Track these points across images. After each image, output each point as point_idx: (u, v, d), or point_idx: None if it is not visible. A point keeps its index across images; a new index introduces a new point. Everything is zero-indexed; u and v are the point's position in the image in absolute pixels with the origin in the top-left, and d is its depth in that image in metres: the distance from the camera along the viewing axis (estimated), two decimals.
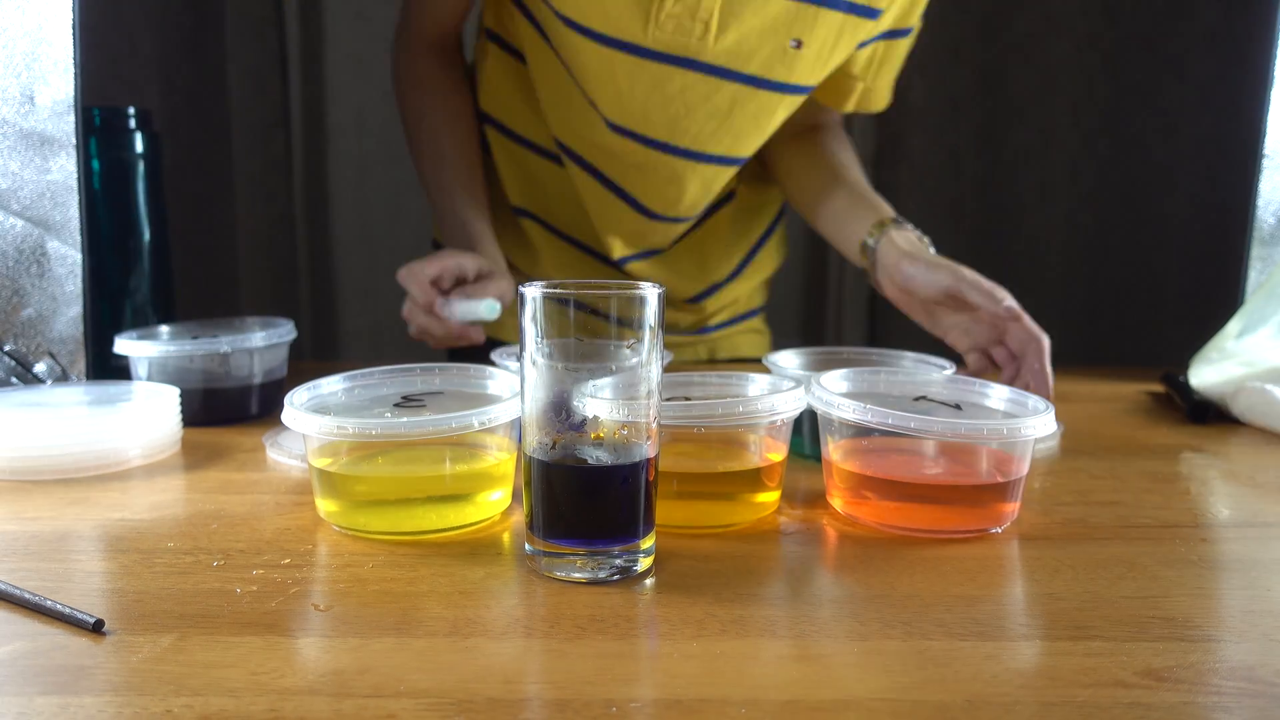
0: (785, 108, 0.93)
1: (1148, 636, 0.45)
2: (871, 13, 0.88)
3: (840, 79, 0.97)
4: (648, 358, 0.49)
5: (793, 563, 0.55)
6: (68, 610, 0.45)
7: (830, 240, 1.03)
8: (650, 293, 0.49)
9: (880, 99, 1.02)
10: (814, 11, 0.86)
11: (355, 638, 0.44)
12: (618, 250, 1.04)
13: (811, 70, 0.91)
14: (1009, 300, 0.83)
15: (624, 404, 0.50)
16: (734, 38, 0.86)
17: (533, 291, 0.49)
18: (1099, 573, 0.53)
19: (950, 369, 0.74)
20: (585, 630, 0.45)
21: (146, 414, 0.72)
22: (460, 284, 0.89)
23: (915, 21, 0.95)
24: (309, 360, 1.57)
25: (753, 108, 0.91)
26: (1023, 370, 0.84)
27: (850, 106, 1.01)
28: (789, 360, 0.79)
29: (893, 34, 0.94)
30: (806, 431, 0.73)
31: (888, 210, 0.97)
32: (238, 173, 1.51)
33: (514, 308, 0.70)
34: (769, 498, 0.61)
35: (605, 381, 0.50)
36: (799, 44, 0.88)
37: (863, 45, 0.92)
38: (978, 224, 1.57)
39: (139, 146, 0.95)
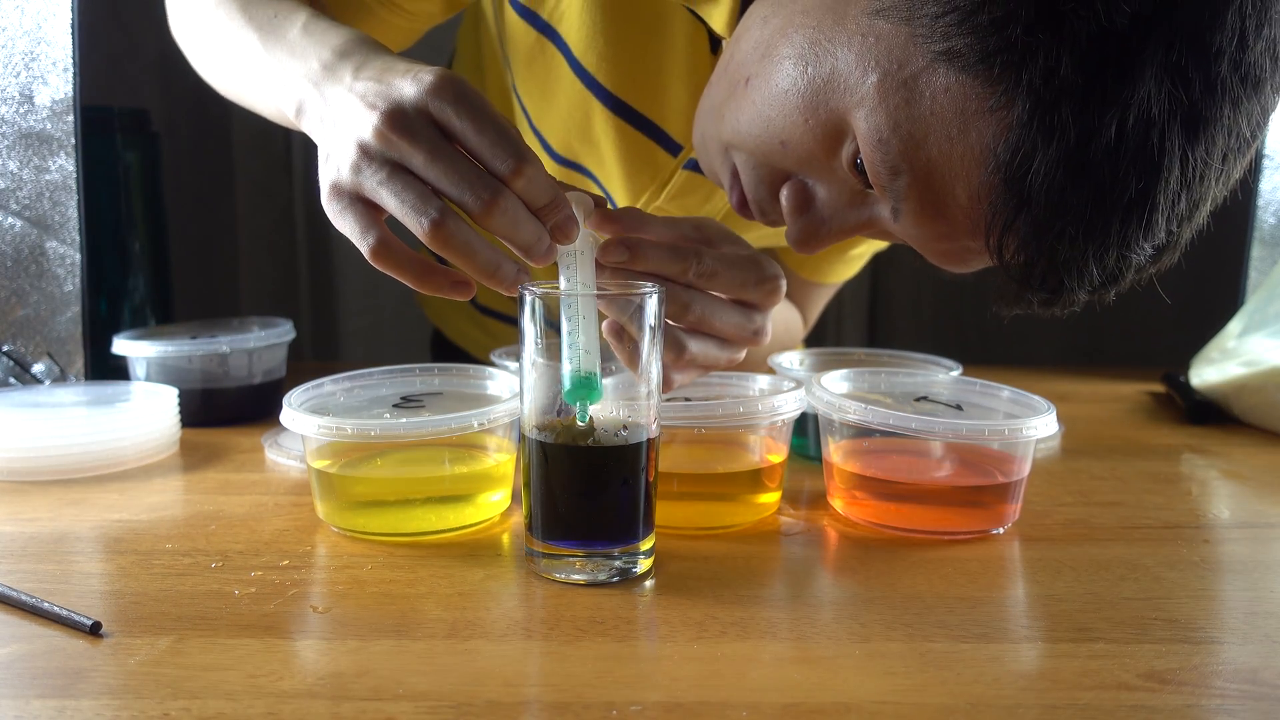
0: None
1: (1150, 638, 0.45)
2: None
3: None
4: (648, 358, 0.49)
5: (793, 564, 0.54)
6: (65, 612, 0.45)
7: None
8: (650, 293, 0.49)
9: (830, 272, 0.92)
10: None
11: (354, 640, 0.44)
12: None
13: (801, 259, 0.87)
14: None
15: (624, 404, 0.50)
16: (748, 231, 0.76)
17: (532, 291, 0.48)
18: (1101, 574, 0.53)
19: (958, 370, 0.74)
20: (585, 632, 0.45)
21: (145, 414, 0.72)
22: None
23: None
24: (308, 360, 1.56)
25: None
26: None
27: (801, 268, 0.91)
28: (795, 361, 0.78)
29: None
30: (811, 433, 0.73)
31: None
32: (238, 173, 1.51)
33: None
34: (769, 498, 0.61)
35: (605, 382, 0.50)
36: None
37: None
38: None
39: (138, 146, 0.95)
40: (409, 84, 0.48)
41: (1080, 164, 0.45)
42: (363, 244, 0.49)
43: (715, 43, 0.67)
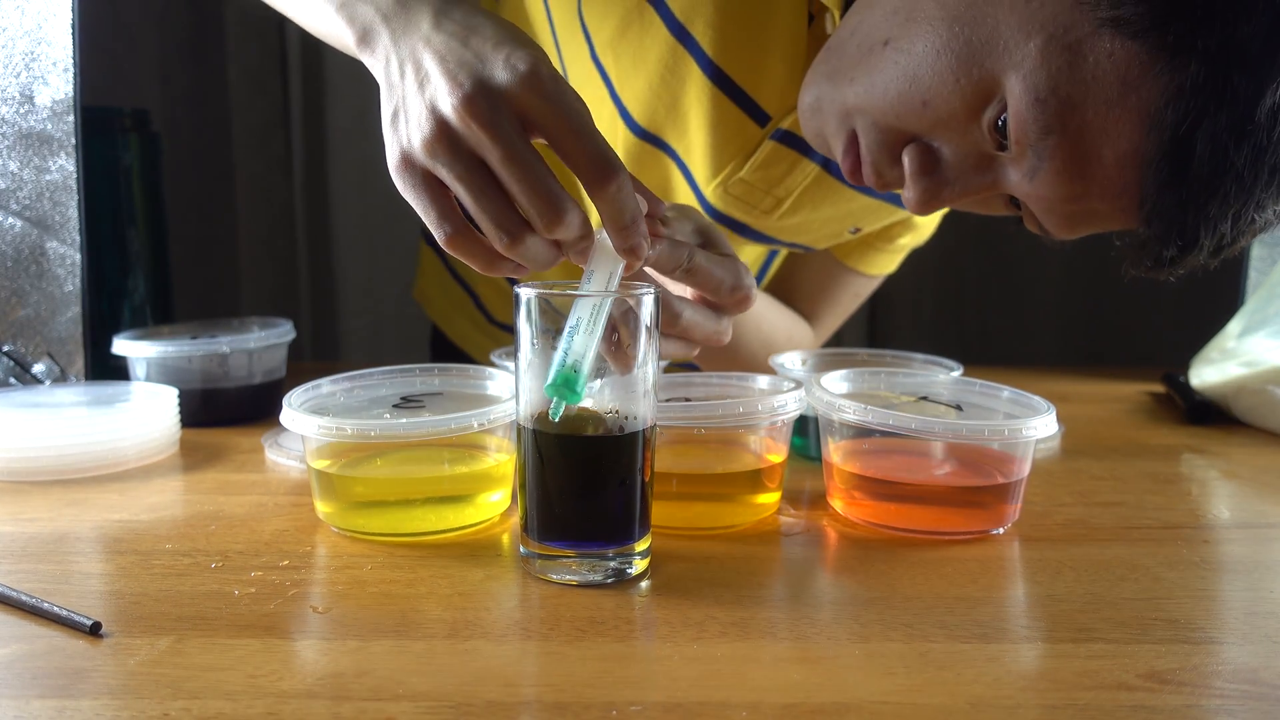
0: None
1: (1150, 638, 0.45)
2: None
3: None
4: (644, 359, 0.49)
5: (793, 564, 0.54)
6: (65, 612, 0.45)
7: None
8: (646, 294, 0.49)
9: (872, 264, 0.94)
10: (889, 210, 0.82)
11: (354, 640, 0.44)
12: None
13: (846, 245, 0.89)
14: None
15: (621, 401, 0.50)
16: (799, 220, 0.80)
17: (527, 292, 0.48)
18: (1100, 574, 0.53)
19: (959, 370, 0.74)
20: (585, 633, 0.45)
21: (145, 414, 0.72)
22: None
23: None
24: (309, 360, 1.56)
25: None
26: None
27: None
28: (797, 361, 0.78)
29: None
30: (812, 433, 0.73)
31: None
32: (238, 173, 1.51)
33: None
34: (769, 499, 0.61)
35: (602, 381, 0.50)
36: (856, 231, 0.85)
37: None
38: (978, 223, 1.56)
39: (138, 147, 0.95)
40: (501, 68, 0.47)
41: (1245, 127, 0.48)
42: (438, 230, 0.49)
43: (811, 16, 0.68)
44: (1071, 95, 0.50)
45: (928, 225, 0.91)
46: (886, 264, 0.93)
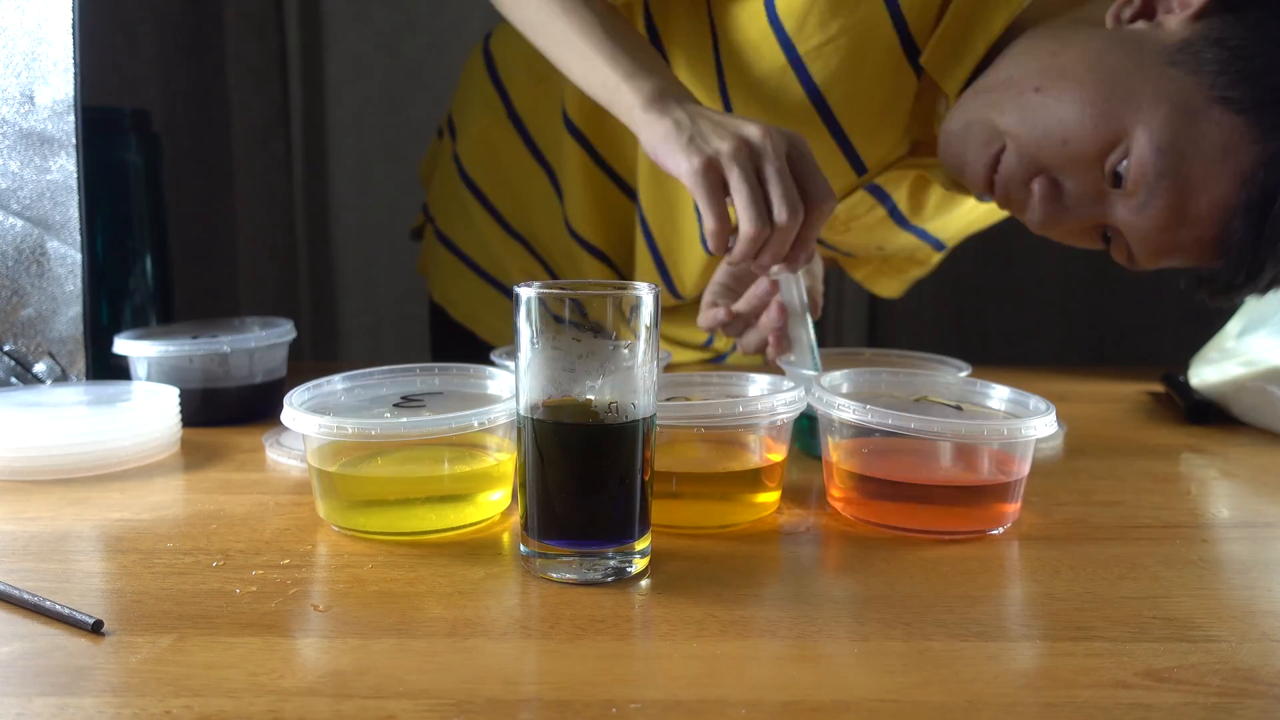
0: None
1: (1148, 637, 0.45)
2: (940, 245, 1.00)
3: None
4: (644, 358, 0.49)
5: (793, 563, 0.54)
6: (67, 611, 0.45)
7: None
8: (646, 293, 0.49)
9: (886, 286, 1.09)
10: (914, 244, 0.96)
11: (355, 638, 0.44)
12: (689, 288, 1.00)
13: (866, 268, 1.05)
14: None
15: (620, 394, 0.50)
16: (849, 237, 0.93)
17: (527, 291, 0.49)
18: (1099, 573, 0.53)
19: (967, 370, 0.74)
20: (585, 631, 0.45)
21: (146, 414, 0.72)
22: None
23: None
24: (309, 360, 1.57)
25: None
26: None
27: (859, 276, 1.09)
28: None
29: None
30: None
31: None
32: (238, 173, 1.51)
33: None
34: (769, 498, 0.61)
35: (601, 382, 0.50)
36: (880, 249, 0.98)
37: None
38: None
39: (138, 146, 0.95)
40: (753, 124, 0.65)
41: None
42: (711, 216, 0.64)
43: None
44: (1185, 150, 0.65)
45: (935, 262, 1.06)
46: (893, 289, 1.08)
